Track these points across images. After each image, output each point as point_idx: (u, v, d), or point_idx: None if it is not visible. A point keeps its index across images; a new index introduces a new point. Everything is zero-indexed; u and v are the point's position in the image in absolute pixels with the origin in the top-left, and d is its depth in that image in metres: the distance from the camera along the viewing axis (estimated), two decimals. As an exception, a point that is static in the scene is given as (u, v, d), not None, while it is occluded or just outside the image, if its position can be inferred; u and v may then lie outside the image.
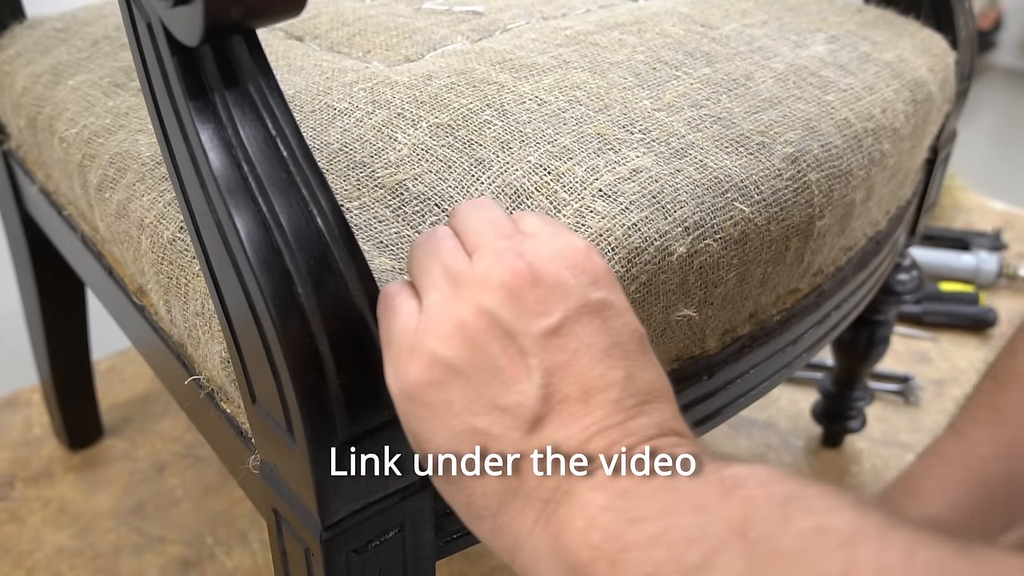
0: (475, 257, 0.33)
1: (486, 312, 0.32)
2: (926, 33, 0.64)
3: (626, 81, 0.50)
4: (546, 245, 0.34)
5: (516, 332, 0.31)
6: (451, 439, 0.32)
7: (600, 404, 0.31)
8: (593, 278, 0.33)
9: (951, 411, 0.96)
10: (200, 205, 0.35)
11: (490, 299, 0.32)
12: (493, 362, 0.31)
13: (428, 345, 0.32)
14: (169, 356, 0.49)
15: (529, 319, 0.32)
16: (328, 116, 0.47)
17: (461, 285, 0.33)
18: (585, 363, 0.31)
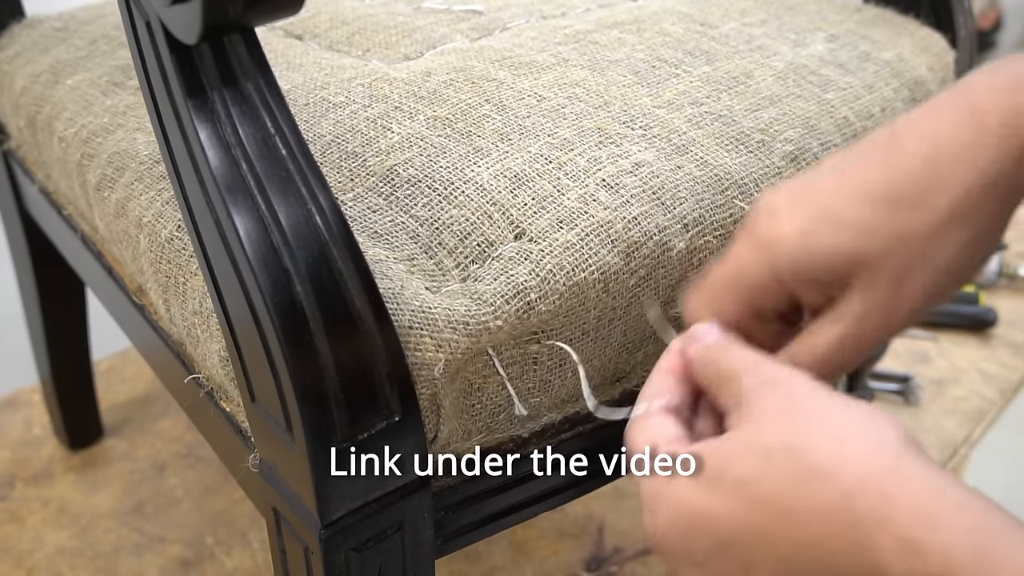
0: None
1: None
2: (925, 32, 0.63)
3: (625, 79, 0.50)
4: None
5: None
6: None
7: None
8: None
9: (951, 411, 0.97)
10: (199, 204, 0.35)
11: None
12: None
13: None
14: (168, 355, 0.49)
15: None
16: (322, 109, 0.47)
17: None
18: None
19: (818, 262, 0.36)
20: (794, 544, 0.31)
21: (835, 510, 0.30)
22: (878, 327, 0.37)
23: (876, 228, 0.36)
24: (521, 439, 0.43)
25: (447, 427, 0.39)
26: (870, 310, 0.36)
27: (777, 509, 0.32)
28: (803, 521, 0.31)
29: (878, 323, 0.36)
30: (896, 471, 0.30)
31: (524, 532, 0.82)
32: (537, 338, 0.40)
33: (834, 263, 0.36)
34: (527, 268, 0.39)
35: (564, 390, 0.43)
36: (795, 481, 0.31)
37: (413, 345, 0.36)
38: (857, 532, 0.30)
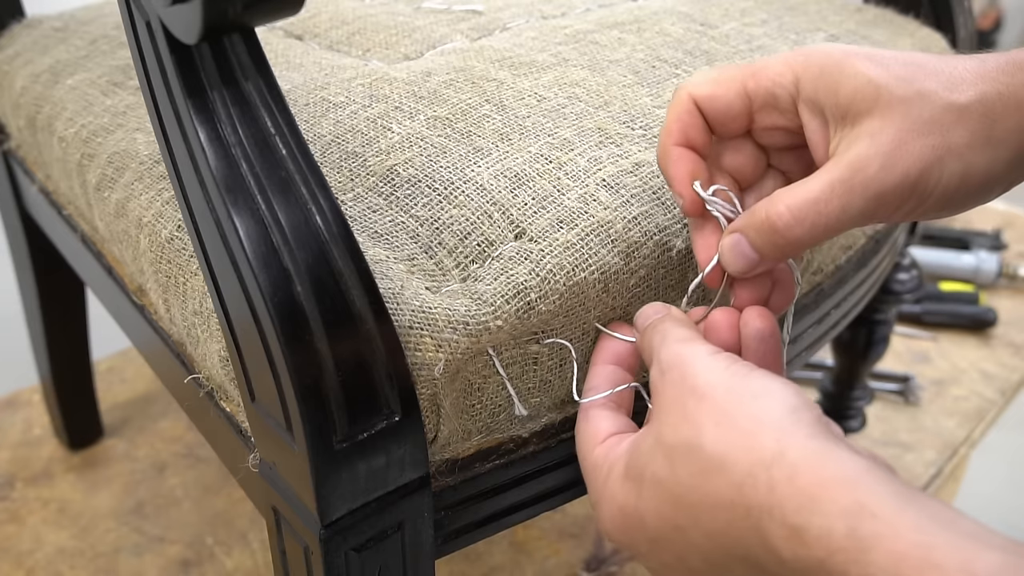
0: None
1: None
2: (925, 32, 0.63)
3: (625, 79, 0.50)
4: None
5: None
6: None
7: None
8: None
9: (951, 411, 0.97)
10: (199, 204, 0.35)
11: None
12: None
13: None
14: (168, 355, 0.49)
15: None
16: (322, 109, 0.47)
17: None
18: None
19: (848, 84, 0.36)
20: (706, 535, 0.32)
21: (730, 502, 0.31)
22: (870, 185, 0.36)
23: (910, 78, 0.36)
24: (521, 439, 0.43)
25: (447, 427, 0.39)
26: (870, 158, 0.36)
27: (687, 504, 0.33)
28: (708, 513, 0.32)
29: (872, 179, 0.35)
30: (780, 457, 0.31)
31: (524, 532, 0.82)
32: (537, 338, 0.40)
33: (861, 89, 0.36)
34: (527, 268, 0.39)
35: (564, 390, 0.43)
36: (695, 476, 0.33)
37: (413, 345, 0.36)
38: (751, 521, 0.31)
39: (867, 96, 0.36)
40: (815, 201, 0.36)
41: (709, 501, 0.32)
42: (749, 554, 0.31)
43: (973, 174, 0.36)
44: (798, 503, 0.29)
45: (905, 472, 0.89)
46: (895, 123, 0.36)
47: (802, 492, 0.29)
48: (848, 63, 0.37)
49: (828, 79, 0.37)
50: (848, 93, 0.36)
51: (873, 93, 0.36)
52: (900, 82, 0.36)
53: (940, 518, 0.28)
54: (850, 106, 0.36)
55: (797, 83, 0.38)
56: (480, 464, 0.42)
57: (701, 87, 0.40)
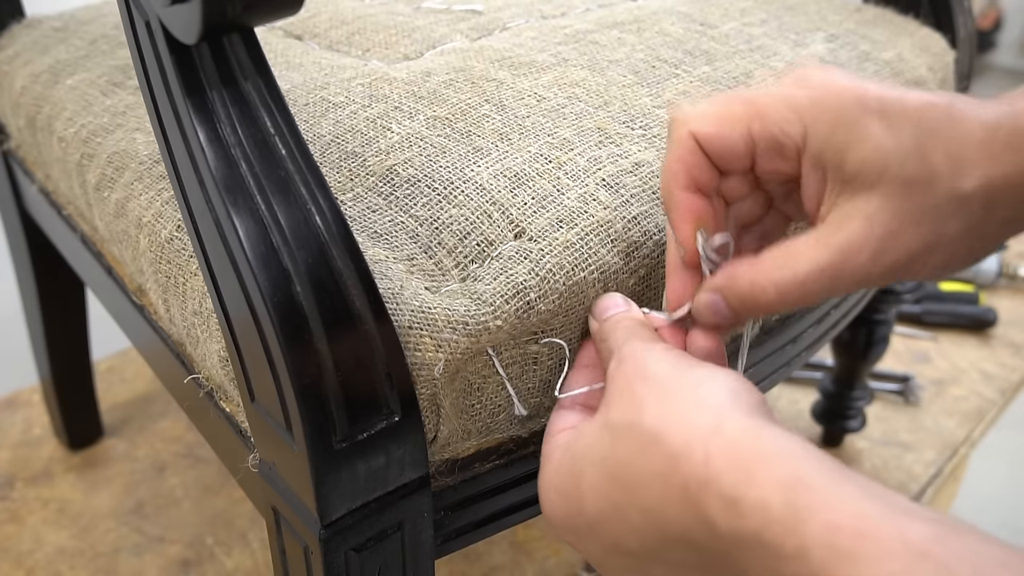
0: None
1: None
2: (925, 32, 0.63)
3: (625, 79, 0.50)
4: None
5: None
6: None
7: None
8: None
9: (951, 411, 0.97)
10: (198, 203, 0.35)
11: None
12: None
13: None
14: (168, 355, 0.49)
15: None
16: (322, 109, 0.47)
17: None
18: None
19: (856, 151, 0.35)
20: (641, 511, 0.32)
21: (667, 474, 0.31)
22: (858, 273, 0.35)
23: (920, 152, 0.35)
24: (521, 439, 0.43)
25: (447, 427, 0.39)
26: (862, 247, 0.35)
27: (624, 481, 0.33)
28: (644, 487, 0.32)
29: (860, 267, 0.35)
30: (717, 430, 0.31)
31: (524, 532, 0.82)
32: (537, 338, 0.40)
33: (868, 161, 0.35)
34: (527, 267, 0.39)
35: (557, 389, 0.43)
36: (634, 452, 0.33)
37: (413, 345, 0.36)
38: (688, 493, 0.31)
39: (873, 170, 0.35)
40: (801, 283, 0.36)
41: (647, 475, 0.32)
42: (684, 532, 0.31)
43: (958, 260, 0.37)
44: (735, 476, 0.30)
45: (905, 472, 0.89)
46: (894, 206, 0.35)
47: (739, 465, 0.30)
48: (861, 124, 0.35)
49: (837, 140, 0.35)
50: (855, 162, 0.35)
51: (880, 168, 0.35)
52: (909, 158, 0.35)
53: (874, 492, 0.28)
54: (854, 177, 0.35)
55: (805, 135, 0.36)
56: (480, 464, 0.42)
57: (704, 126, 0.37)
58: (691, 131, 0.37)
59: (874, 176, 0.35)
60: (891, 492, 0.28)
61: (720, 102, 0.38)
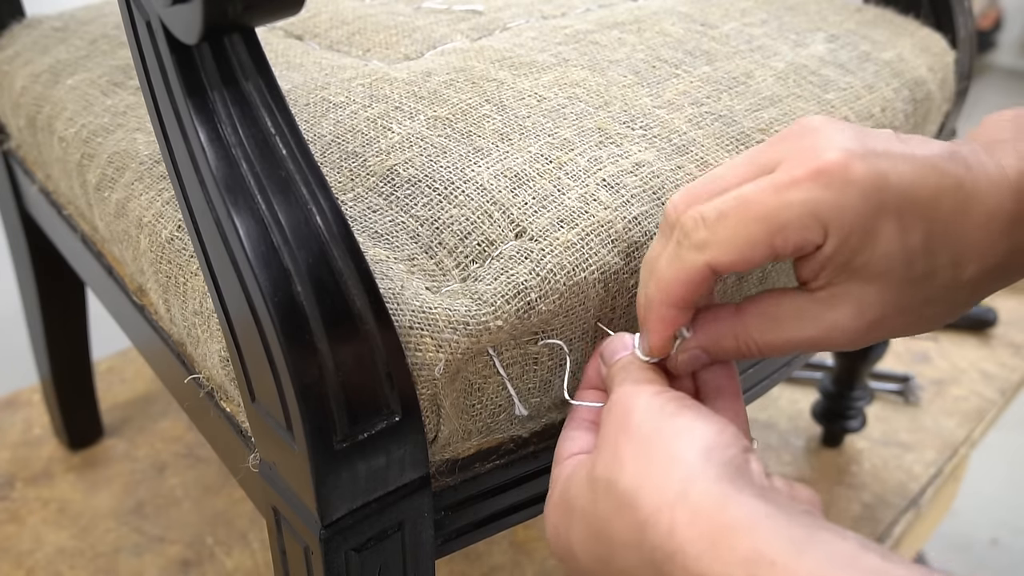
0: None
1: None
2: (925, 32, 0.63)
3: (626, 79, 0.50)
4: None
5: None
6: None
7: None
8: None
9: (951, 411, 0.97)
10: (199, 203, 0.35)
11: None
12: None
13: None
14: (169, 355, 0.49)
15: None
16: (323, 109, 0.47)
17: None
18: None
19: (867, 254, 0.34)
20: (620, 572, 0.33)
21: (637, 541, 0.32)
22: (834, 346, 0.37)
23: (928, 251, 0.35)
24: (521, 439, 0.43)
25: (447, 427, 0.39)
26: (845, 331, 0.36)
27: (605, 539, 0.33)
28: (621, 551, 0.33)
29: (838, 343, 0.36)
30: (684, 498, 0.31)
31: (524, 532, 0.82)
32: (537, 338, 0.40)
33: (875, 263, 0.34)
34: (527, 267, 0.39)
35: (564, 391, 0.43)
36: (612, 512, 0.33)
37: (413, 345, 0.36)
38: (655, 563, 0.31)
39: (877, 270, 0.35)
40: (782, 346, 0.37)
41: (621, 538, 0.32)
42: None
43: (931, 327, 0.38)
44: (698, 549, 0.29)
45: (905, 472, 0.90)
46: (886, 298, 0.35)
47: (702, 537, 0.30)
48: (878, 227, 0.34)
49: (851, 243, 0.34)
50: (862, 261, 0.35)
51: (884, 268, 0.35)
52: (916, 260, 0.35)
53: (840, 560, 0.28)
54: (857, 271, 0.35)
55: (825, 238, 0.34)
56: (480, 464, 0.42)
57: (723, 256, 0.35)
58: (708, 262, 0.35)
59: (877, 274, 0.35)
60: (860, 550, 0.28)
61: (737, 222, 0.35)
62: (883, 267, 0.35)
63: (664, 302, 0.37)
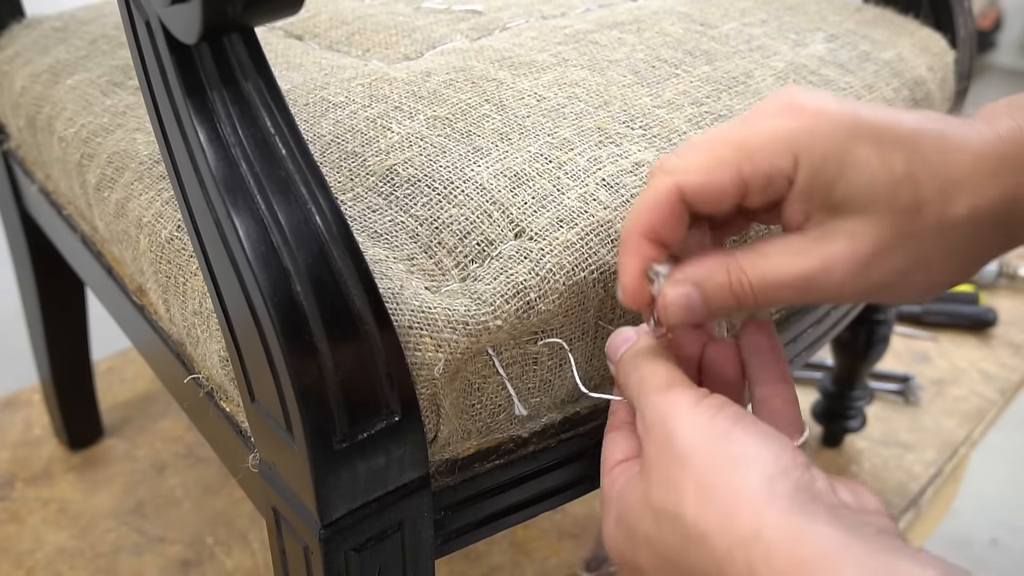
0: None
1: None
2: (925, 32, 0.63)
3: (625, 79, 0.50)
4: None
5: None
6: None
7: None
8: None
9: (951, 411, 0.97)
10: (198, 203, 0.35)
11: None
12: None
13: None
14: (168, 355, 0.49)
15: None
16: (322, 109, 0.47)
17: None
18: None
19: (846, 181, 0.34)
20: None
21: (715, 574, 0.32)
22: (830, 287, 0.35)
23: (911, 181, 0.34)
24: (521, 439, 0.43)
25: (447, 427, 0.39)
26: (840, 264, 0.35)
27: (676, 566, 0.33)
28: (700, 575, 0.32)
29: (835, 284, 0.35)
30: (756, 537, 0.31)
31: (524, 532, 0.82)
32: (537, 338, 0.40)
33: (858, 191, 0.34)
34: (527, 267, 0.39)
35: (564, 390, 0.43)
36: (680, 545, 0.33)
37: (413, 345, 0.36)
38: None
39: (862, 199, 0.34)
40: (777, 286, 0.36)
41: (697, 569, 0.32)
42: None
43: (938, 283, 0.37)
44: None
45: (905, 472, 0.90)
46: (879, 230, 0.35)
47: (779, 574, 0.29)
48: (852, 154, 0.34)
49: (828, 171, 0.34)
50: (843, 193, 0.34)
51: (869, 197, 0.34)
52: (900, 187, 0.34)
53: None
54: (841, 205, 0.35)
55: (795, 166, 0.34)
56: (480, 464, 0.42)
57: (690, 176, 0.35)
58: (676, 183, 0.35)
59: (862, 204, 0.34)
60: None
61: (706, 147, 0.35)
62: (868, 196, 0.34)
63: (631, 229, 0.36)
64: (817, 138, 0.34)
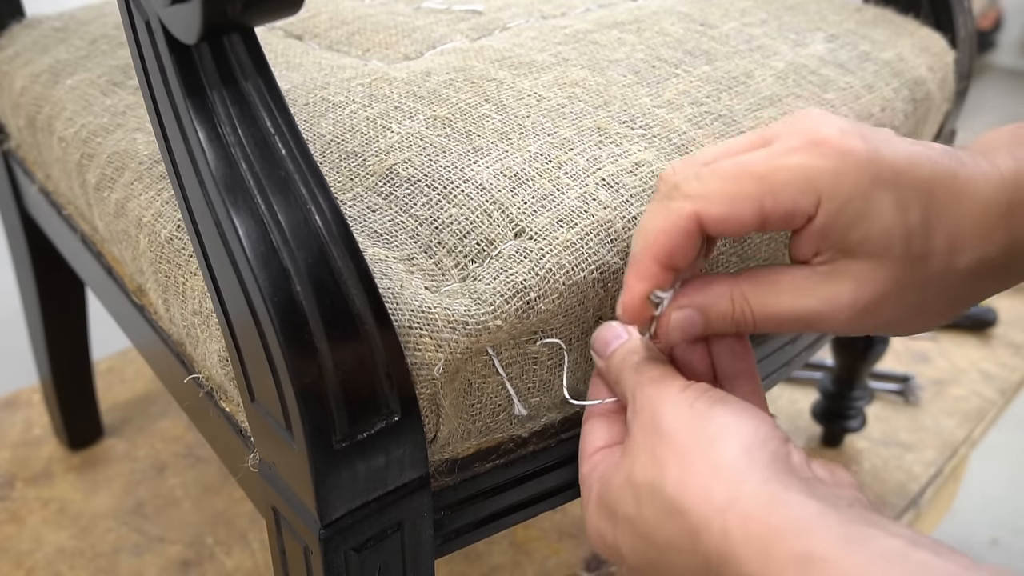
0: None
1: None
2: (925, 32, 0.63)
3: (625, 79, 0.50)
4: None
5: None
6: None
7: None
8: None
9: (951, 411, 0.97)
10: (198, 203, 0.35)
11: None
12: None
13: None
14: (168, 355, 0.49)
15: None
16: (322, 109, 0.47)
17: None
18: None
19: (863, 228, 0.34)
20: (672, 571, 0.33)
21: (689, 546, 0.32)
22: (831, 326, 0.36)
23: (924, 231, 0.35)
24: (521, 439, 0.43)
25: (447, 427, 0.39)
26: (843, 308, 0.35)
27: (654, 543, 0.34)
28: (673, 555, 0.33)
29: (836, 324, 0.36)
30: (733, 502, 0.31)
31: (524, 532, 0.82)
32: (536, 338, 0.40)
33: (873, 239, 0.34)
34: (526, 267, 0.39)
35: (564, 390, 0.43)
36: (659, 518, 0.33)
37: (412, 345, 0.36)
38: (709, 567, 0.31)
39: (875, 246, 0.35)
40: (780, 320, 0.36)
41: (673, 544, 0.33)
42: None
43: (932, 323, 0.38)
44: (751, 551, 0.30)
45: (905, 472, 0.89)
46: (886, 276, 0.35)
47: (754, 540, 0.30)
48: (876, 202, 0.34)
49: (848, 215, 0.34)
50: (859, 237, 0.35)
51: (883, 245, 0.35)
52: (914, 237, 0.35)
53: (890, 554, 0.28)
54: (855, 248, 0.35)
55: (818, 206, 0.34)
56: (480, 464, 0.42)
57: (712, 207, 0.34)
58: (696, 211, 0.34)
59: (876, 250, 0.35)
60: (910, 547, 0.28)
61: (730, 178, 0.35)
62: (882, 243, 0.35)
63: (644, 253, 0.35)
64: (842, 180, 0.34)
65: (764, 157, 0.35)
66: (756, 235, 0.46)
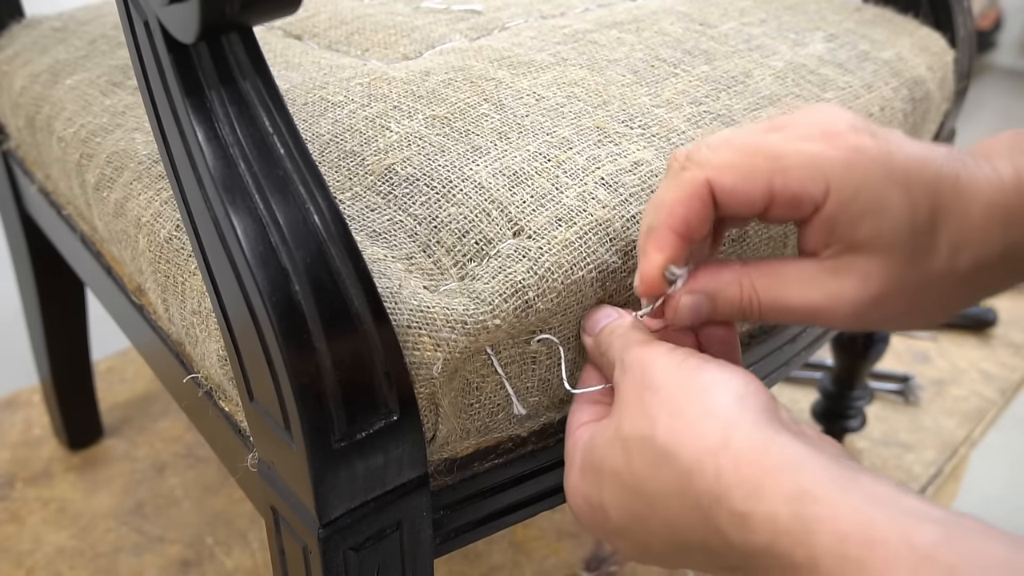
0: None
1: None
2: (925, 32, 0.63)
3: (624, 78, 0.50)
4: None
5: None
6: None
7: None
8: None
9: (951, 411, 0.97)
10: (197, 203, 0.35)
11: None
12: None
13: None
14: (168, 355, 0.49)
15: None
16: (321, 108, 0.47)
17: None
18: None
19: (872, 222, 0.35)
20: (663, 523, 0.33)
21: (681, 490, 0.32)
22: (834, 322, 0.37)
23: (930, 227, 0.35)
24: (520, 438, 0.43)
25: (445, 426, 0.39)
26: (846, 303, 0.36)
27: (643, 494, 0.34)
28: (662, 502, 0.33)
29: (838, 319, 0.36)
30: (725, 444, 0.32)
31: (524, 532, 0.82)
32: (535, 337, 0.40)
33: (881, 234, 0.35)
34: (525, 266, 0.39)
35: (563, 389, 0.43)
36: (649, 467, 0.34)
37: (411, 344, 0.36)
38: (701, 509, 0.32)
39: (884, 242, 0.35)
40: (784, 310, 0.37)
41: (663, 490, 0.33)
42: (703, 542, 0.32)
43: (931, 321, 0.38)
44: (744, 491, 0.30)
45: (905, 472, 0.89)
46: (891, 272, 0.36)
47: (747, 480, 0.30)
48: (883, 195, 0.35)
49: (857, 207, 0.35)
50: (867, 232, 0.35)
51: (891, 241, 0.35)
52: (920, 236, 0.35)
53: (880, 498, 0.29)
54: (862, 243, 0.35)
55: (826, 195, 0.35)
56: (479, 463, 0.42)
57: (724, 176, 0.35)
58: (709, 179, 0.35)
59: (883, 247, 0.35)
60: (898, 492, 0.29)
61: (743, 152, 0.36)
62: (891, 239, 0.35)
63: (662, 223, 0.36)
64: (852, 173, 0.35)
65: (778, 139, 0.36)
66: (757, 235, 0.46)
